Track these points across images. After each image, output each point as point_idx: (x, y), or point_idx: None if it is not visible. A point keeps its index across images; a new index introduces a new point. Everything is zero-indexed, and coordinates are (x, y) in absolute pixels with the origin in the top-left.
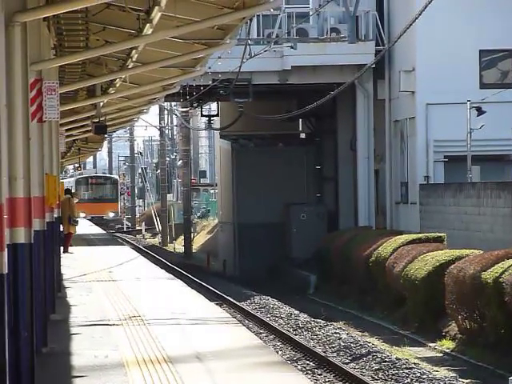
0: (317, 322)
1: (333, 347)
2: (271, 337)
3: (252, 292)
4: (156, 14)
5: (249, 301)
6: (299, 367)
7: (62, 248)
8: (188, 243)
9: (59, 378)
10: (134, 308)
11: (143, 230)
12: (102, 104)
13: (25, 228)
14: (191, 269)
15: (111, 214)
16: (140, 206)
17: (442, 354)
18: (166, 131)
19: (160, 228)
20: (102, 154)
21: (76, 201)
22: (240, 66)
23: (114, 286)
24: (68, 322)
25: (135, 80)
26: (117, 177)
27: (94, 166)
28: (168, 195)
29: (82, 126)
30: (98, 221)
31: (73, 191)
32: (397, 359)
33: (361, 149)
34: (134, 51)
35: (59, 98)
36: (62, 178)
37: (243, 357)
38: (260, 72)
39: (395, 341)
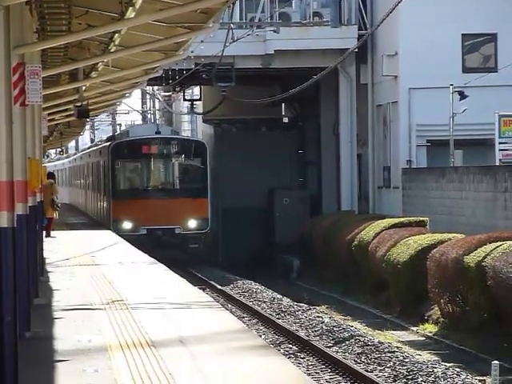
0: (300, 306)
1: (315, 331)
2: (254, 321)
3: (235, 277)
4: None
5: (232, 285)
6: (282, 351)
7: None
8: None
9: (43, 362)
10: (117, 292)
11: None
12: (84, 88)
13: (8, 212)
14: None
15: (192, 224)
16: None
17: (424, 338)
18: (149, 115)
19: None
20: (84, 139)
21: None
22: (223, 50)
23: (96, 271)
24: (51, 307)
25: (118, 64)
26: (203, 141)
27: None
28: None
29: (65, 110)
30: (164, 238)
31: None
32: (379, 343)
33: (343, 133)
34: (116, 35)
35: (42, 81)
36: (86, 148)
37: (226, 341)
38: (243, 56)
39: (378, 325)
